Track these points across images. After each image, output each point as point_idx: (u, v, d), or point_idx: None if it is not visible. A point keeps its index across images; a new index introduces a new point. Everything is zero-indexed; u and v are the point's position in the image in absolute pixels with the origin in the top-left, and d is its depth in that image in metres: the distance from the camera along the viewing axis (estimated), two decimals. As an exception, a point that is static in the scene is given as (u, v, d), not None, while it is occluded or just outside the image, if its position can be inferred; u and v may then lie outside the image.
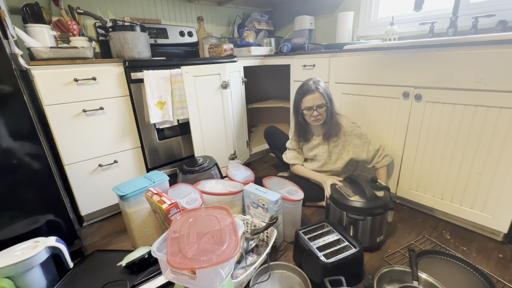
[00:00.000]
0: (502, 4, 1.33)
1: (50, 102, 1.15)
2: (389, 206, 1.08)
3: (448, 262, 1.00)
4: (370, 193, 1.07)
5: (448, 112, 1.12)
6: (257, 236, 1.08)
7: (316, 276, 0.92)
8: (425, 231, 1.22)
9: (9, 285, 0.83)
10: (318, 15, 2.17)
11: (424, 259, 1.02)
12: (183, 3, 2.05)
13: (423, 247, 1.11)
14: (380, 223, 1.08)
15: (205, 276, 0.69)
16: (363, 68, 1.37)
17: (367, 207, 1.05)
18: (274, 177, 1.34)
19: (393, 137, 1.34)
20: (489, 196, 1.09)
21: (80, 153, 1.27)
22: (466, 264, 0.96)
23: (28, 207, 1.01)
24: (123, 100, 1.35)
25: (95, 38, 1.67)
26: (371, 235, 1.09)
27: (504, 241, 1.13)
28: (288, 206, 1.15)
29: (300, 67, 1.71)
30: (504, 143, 1.01)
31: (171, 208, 0.96)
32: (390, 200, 1.09)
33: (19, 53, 1.03)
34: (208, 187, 1.29)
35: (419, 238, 1.17)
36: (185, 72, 1.43)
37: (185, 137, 1.65)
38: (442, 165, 1.19)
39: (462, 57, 1.04)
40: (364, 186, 1.10)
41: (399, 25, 1.70)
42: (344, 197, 1.11)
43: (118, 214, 1.51)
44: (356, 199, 1.08)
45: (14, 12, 1.40)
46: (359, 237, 1.10)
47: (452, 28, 1.40)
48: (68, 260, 1.00)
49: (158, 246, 0.78)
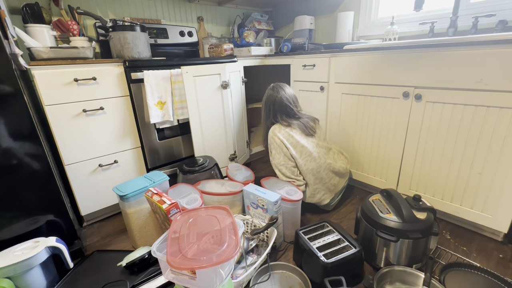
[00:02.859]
0: (502, 4, 1.32)
1: (50, 102, 1.15)
2: (431, 230, 0.94)
3: (475, 276, 0.93)
4: (407, 213, 0.94)
5: (448, 112, 1.12)
6: (257, 236, 1.08)
7: (316, 276, 0.92)
8: (425, 231, 1.22)
9: (9, 285, 0.83)
10: (318, 15, 2.17)
11: (452, 272, 0.95)
12: (183, 3, 2.05)
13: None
14: (418, 249, 0.94)
15: (205, 276, 0.69)
16: (363, 68, 1.37)
17: (402, 229, 0.92)
18: (272, 178, 1.34)
19: (393, 137, 1.34)
20: (489, 196, 1.09)
21: (80, 153, 1.27)
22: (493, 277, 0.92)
23: (28, 207, 1.01)
24: (123, 100, 1.35)
25: (95, 38, 1.67)
26: (406, 260, 0.96)
27: (504, 241, 1.13)
28: (288, 206, 1.15)
29: (300, 67, 1.71)
30: (504, 143, 1.01)
31: (171, 208, 0.96)
32: (434, 223, 0.95)
33: (19, 53, 1.03)
34: (208, 187, 1.29)
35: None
36: (185, 72, 1.43)
37: (185, 137, 1.65)
38: (442, 165, 1.19)
39: (462, 57, 1.03)
40: (401, 204, 0.97)
41: (399, 25, 1.70)
42: (376, 213, 0.99)
43: (118, 214, 1.51)
44: (390, 217, 0.96)
45: (14, 12, 1.40)
46: (392, 260, 0.98)
47: (452, 28, 1.39)
48: (68, 260, 1.00)
49: (158, 246, 0.78)
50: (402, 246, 0.94)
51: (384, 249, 0.98)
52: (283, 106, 1.38)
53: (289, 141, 1.30)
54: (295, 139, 1.31)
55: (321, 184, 1.33)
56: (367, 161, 1.50)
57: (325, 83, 1.59)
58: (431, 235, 0.95)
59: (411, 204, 0.99)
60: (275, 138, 1.32)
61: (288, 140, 1.30)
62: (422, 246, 0.95)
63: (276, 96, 1.38)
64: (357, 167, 1.57)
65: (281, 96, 1.38)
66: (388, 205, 1.04)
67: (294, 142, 1.30)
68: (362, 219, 1.05)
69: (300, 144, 1.30)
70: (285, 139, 1.30)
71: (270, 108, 1.40)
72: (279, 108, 1.38)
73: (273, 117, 1.40)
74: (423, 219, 0.94)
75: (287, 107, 1.38)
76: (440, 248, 1.10)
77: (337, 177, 1.38)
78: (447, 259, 1.05)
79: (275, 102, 1.38)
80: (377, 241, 0.99)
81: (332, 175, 1.35)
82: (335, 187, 1.38)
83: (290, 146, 1.30)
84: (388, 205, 1.04)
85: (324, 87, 1.59)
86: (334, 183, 1.37)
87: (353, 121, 1.50)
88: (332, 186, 1.36)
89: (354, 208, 1.44)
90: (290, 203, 1.14)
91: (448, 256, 1.06)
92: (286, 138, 1.31)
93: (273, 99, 1.39)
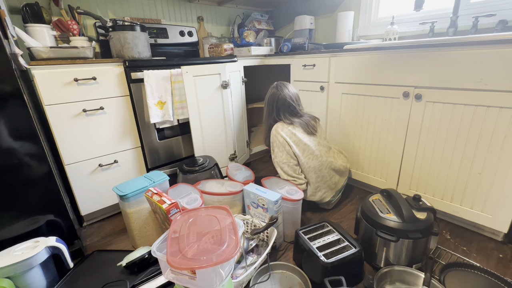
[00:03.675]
0: (502, 4, 1.32)
1: (50, 102, 1.15)
2: (431, 230, 0.94)
3: (475, 276, 0.93)
4: (407, 213, 0.94)
5: (448, 112, 1.12)
6: (257, 236, 1.08)
7: (316, 276, 0.92)
8: (425, 231, 1.22)
9: (9, 285, 0.83)
10: (318, 15, 2.17)
11: (452, 272, 0.96)
12: (183, 3, 2.05)
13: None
14: (418, 249, 0.94)
15: (205, 276, 0.69)
16: (363, 68, 1.37)
17: (402, 228, 0.92)
18: (272, 177, 1.34)
19: (393, 137, 1.34)
20: (489, 196, 1.09)
21: (80, 153, 1.27)
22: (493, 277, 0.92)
23: (28, 207, 1.01)
24: (123, 100, 1.35)
25: (95, 38, 1.67)
26: (406, 260, 0.96)
27: (504, 241, 1.13)
28: (288, 206, 1.15)
29: (300, 67, 1.71)
30: (504, 143, 1.01)
31: (171, 208, 0.96)
32: (434, 223, 0.95)
33: (19, 53, 1.03)
34: (208, 187, 1.29)
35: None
36: (185, 72, 1.43)
37: (185, 137, 1.65)
38: (442, 165, 1.19)
39: (462, 57, 1.03)
40: (401, 204, 0.97)
41: (399, 25, 1.70)
42: (376, 213, 1.00)
43: (118, 214, 1.51)
44: (390, 217, 0.96)
45: (14, 12, 1.40)
46: (392, 260, 0.98)
47: (452, 28, 1.39)
48: (68, 260, 1.00)
49: (158, 246, 0.78)
50: (402, 246, 0.94)
51: (384, 249, 0.98)
52: (286, 104, 1.38)
53: (292, 139, 1.31)
54: (298, 137, 1.31)
55: (322, 182, 1.34)
56: (367, 161, 1.50)
57: (325, 83, 1.59)
58: (431, 235, 0.95)
59: (411, 204, 0.99)
60: (278, 136, 1.33)
61: (291, 138, 1.31)
62: (422, 246, 0.95)
63: (279, 94, 1.39)
64: (357, 167, 1.57)
65: (285, 94, 1.38)
66: (388, 205, 1.04)
67: (297, 140, 1.31)
68: (362, 219, 1.05)
69: (302, 142, 1.31)
70: (288, 137, 1.31)
71: (273, 106, 1.41)
72: (282, 106, 1.39)
73: (276, 115, 1.41)
74: (423, 219, 0.94)
75: (290, 105, 1.39)
76: (440, 248, 1.10)
77: (337, 175, 1.38)
78: (447, 259, 1.05)
79: (278, 100, 1.39)
80: (377, 241, 0.99)
81: (333, 173, 1.36)
82: (336, 185, 1.38)
83: (293, 144, 1.30)
84: (388, 205, 1.04)
85: (324, 87, 1.59)
86: (335, 181, 1.37)
87: (353, 121, 1.50)
88: (333, 184, 1.37)
89: (354, 208, 1.44)
90: (290, 203, 1.14)
91: (448, 256, 1.06)
92: (289, 136, 1.31)
93: (276, 97, 1.39)
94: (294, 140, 1.31)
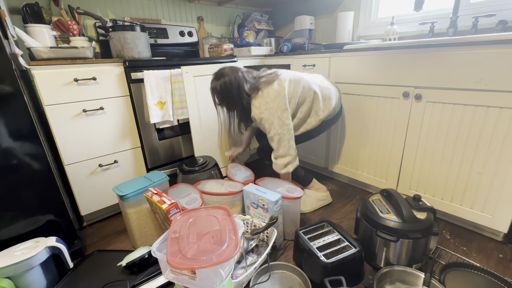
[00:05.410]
0: (502, 4, 1.32)
1: (50, 102, 1.15)
2: (431, 230, 0.94)
3: (476, 276, 0.93)
4: (407, 213, 0.94)
5: (448, 112, 1.12)
6: (257, 236, 1.08)
7: (316, 276, 0.92)
8: (425, 231, 1.22)
9: (9, 285, 0.83)
10: (318, 15, 2.17)
11: (452, 272, 0.96)
12: (183, 3, 2.05)
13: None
14: (418, 249, 0.95)
15: (205, 276, 0.69)
16: (363, 68, 1.37)
17: (402, 229, 0.92)
18: (266, 178, 1.33)
19: (393, 137, 1.34)
20: (489, 196, 1.09)
21: (80, 153, 1.27)
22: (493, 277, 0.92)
23: (28, 207, 1.01)
24: (123, 100, 1.35)
25: (95, 38, 1.67)
26: (406, 260, 0.96)
27: (504, 241, 1.13)
28: (288, 204, 1.15)
29: (300, 67, 1.71)
30: (504, 143, 1.01)
31: (171, 208, 0.96)
32: (434, 223, 0.95)
33: (19, 53, 1.03)
34: (208, 187, 1.29)
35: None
36: (185, 72, 1.43)
37: (185, 137, 1.65)
38: (442, 165, 1.19)
39: (462, 57, 1.03)
40: (401, 204, 0.97)
41: (399, 25, 1.70)
42: (376, 213, 1.00)
43: (118, 214, 1.51)
44: (390, 217, 0.96)
45: (14, 12, 1.40)
46: (392, 260, 0.98)
47: (452, 28, 1.39)
48: (68, 260, 1.00)
49: (158, 246, 0.78)
50: (402, 246, 0.94)
51: (384, 249, 0.98)
52: (248, 74, 1.25)
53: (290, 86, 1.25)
54: (280, 79, 1.24)
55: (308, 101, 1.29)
56: (367, 161, 1.50)
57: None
58: (431, 235, 0.95)
59: (411, 204, 0.99)
60: (267, 106, 1.19)
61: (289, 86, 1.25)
62: (422, 246, 0.95)
63: (233, 75, 1.20)
64: (357, 167, 1.57)
65: (237, 70, 1.23)
66: (388, 205, 1.03)
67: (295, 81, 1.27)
68: (362, 219, 1.05)
69: (289, 76, 1.29)
70: (274, 96, 1.20)
71: (238, 88, 1.21)
72: (245, 79, 1.23)
73: (247, 91, 1.22)
74: (423, 219, 0.94)
75: (250, 72, 1.28)
76: (440, 248, 1.10)
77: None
78: (447, 259, 1.05)
79: (236, 78, 1.21)
80: (377, 241, 0.98)
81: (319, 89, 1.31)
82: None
83: (285, 85, 1.23)
84: (388, 205, 1.04)
85: (324, 87, 1.59)
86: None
87: (353, 121, 1.50)
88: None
89: (354, 208, 1.44)
90: (291, 201, 1.14)
91: (448, 256, 1.06)
92: (274, 96, 1.20)
93: (233, 78, 1.20)
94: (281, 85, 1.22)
